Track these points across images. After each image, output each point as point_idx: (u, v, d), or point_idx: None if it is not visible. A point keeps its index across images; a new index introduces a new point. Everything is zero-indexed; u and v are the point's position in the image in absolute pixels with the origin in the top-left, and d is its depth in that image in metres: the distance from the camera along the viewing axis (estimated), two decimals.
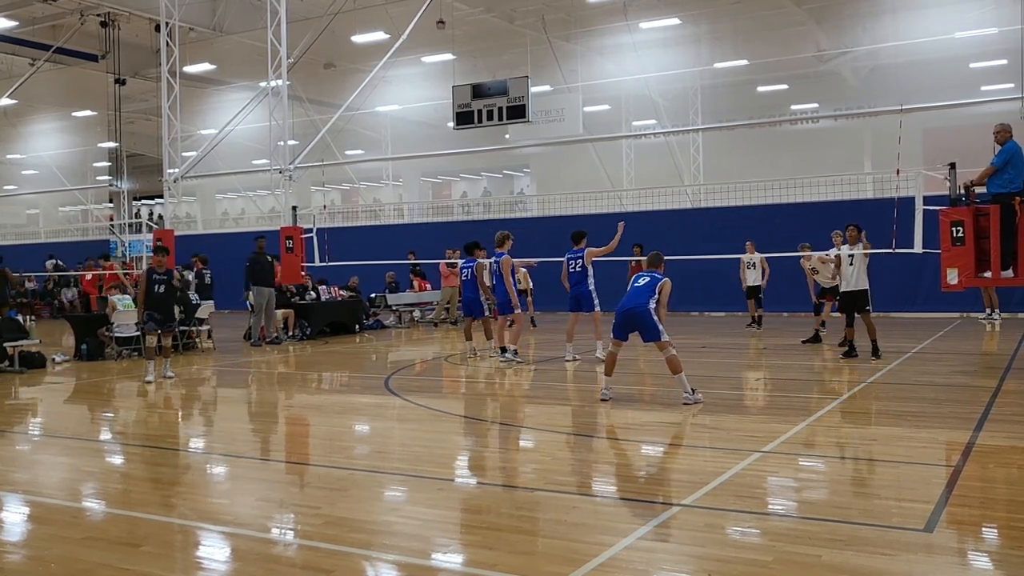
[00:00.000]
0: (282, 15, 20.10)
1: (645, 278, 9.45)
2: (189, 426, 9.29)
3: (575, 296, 12.73)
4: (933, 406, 8.92)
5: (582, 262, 12.56)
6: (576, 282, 12.68)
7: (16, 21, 25.07)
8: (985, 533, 4.95)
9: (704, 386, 9.61)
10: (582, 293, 12.60)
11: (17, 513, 5.81)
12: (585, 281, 12.54)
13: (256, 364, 14.33)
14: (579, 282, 12.62)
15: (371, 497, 5.98)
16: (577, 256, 12.65)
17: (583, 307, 12.67)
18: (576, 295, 12.70)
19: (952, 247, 11.11)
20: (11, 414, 10.11)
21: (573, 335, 13.22)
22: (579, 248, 12.68)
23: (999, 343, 15.00)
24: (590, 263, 12.60)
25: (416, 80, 30.37)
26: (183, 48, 23.04)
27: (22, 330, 13.99)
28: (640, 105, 30.17)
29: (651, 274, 9.52)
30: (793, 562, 4.40)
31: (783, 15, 25.44)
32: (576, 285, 12.68)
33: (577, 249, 12.69)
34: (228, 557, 4.83)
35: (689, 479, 6.25)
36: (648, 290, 9.26)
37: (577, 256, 12.65)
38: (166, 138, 22.23)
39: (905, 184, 14.45)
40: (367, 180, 37.69)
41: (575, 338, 13.23)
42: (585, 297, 12.58)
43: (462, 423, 8.78)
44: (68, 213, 43.26)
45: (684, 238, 21.84)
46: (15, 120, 36.19)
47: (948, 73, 24.69)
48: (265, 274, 17.12)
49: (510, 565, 4.45)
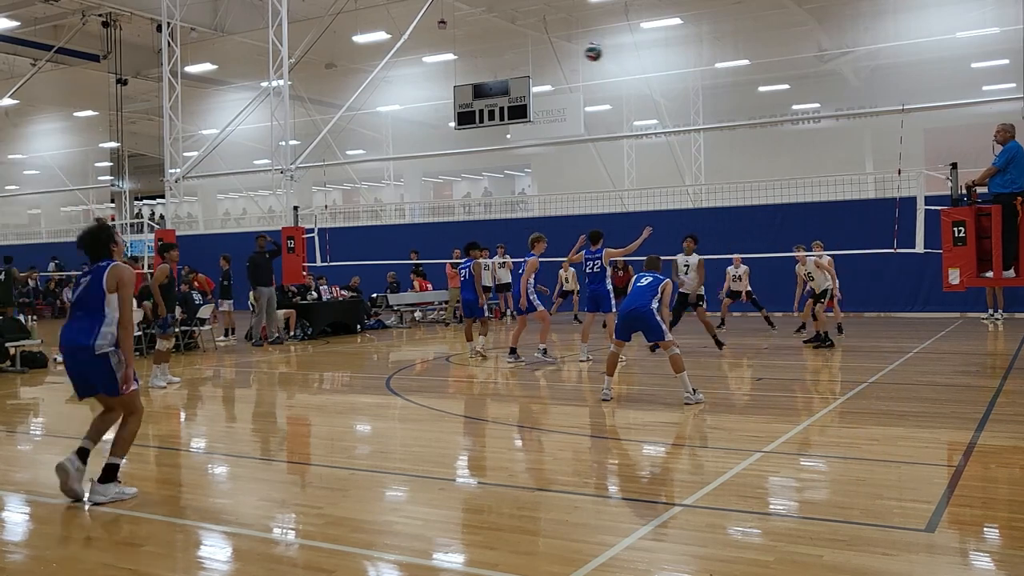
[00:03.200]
0: (283, 15, 20.12)
1: (647, 278, 9.48)
2: (190, 426, 9.30)
3: (593, 296, 12.77)
4: (934, 406, 8.91)
5: (600, 262, 12.60)
6: (595, 282, 12.72)
7: (18, 21, 25.10)
8: (986, 533, 4.95)
9: (704, 386, 9.62)
10: (600, 293, 12.67)
11: (19, 513, 5.82)
12: (604, 281, 12.62)
13: (257, 364, 14.34)
14: (598, 282, 12.69)
15: (372, 497, 5.98)
16: (596, 256, 12.69)
17: (601, 307, 12.70)
18: (594, 295, 12.74)
19: (954, 247, 11.12)
20: (13, 414, 10.12)
21: (588, 335, 13.30)
22: (598, 248, 12.72)
23: (1000, 343, 14.99)
24: (608, 263, 12.66)
25: (417, 80, 30.38)
26: (184, 48, 23.08)
27: (23, 330, 14.01)
28: (641, 105, 30.18)
29: (652, 274, 9.57)
30: (794, 562, 4.40)
31: (784, 15, 25.43)
32: (595, 285, 12.69)
33: (596, 249, 12.73)
34: (230, 557, 4.83)
35: (690, 479, 6.26)
36: (651, 290, 9.29)
37: (596, 256, 12.69)
38: (167, 138, 22.25)
39: (906, 184, 14.46)
40: (368, 180, 37.70)
41: (590, 338, 13.29)
42: (603, 297, 12.64)
43: (463, 423, 8.78)
44: (70, 213, 43.27)
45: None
46: (17, 120, 36.24)
47: (949, 73, 24.67)
48: (264, 274, 17.12)
49: (511, 565, 4.46)
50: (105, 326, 5.74)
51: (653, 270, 9.79)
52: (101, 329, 5.73)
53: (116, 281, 5.78)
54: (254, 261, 17.22)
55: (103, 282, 5.78)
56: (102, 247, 5.95)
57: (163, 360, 11.60)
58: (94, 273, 5.86)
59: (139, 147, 36.89)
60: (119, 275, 5.80)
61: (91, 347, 5.69)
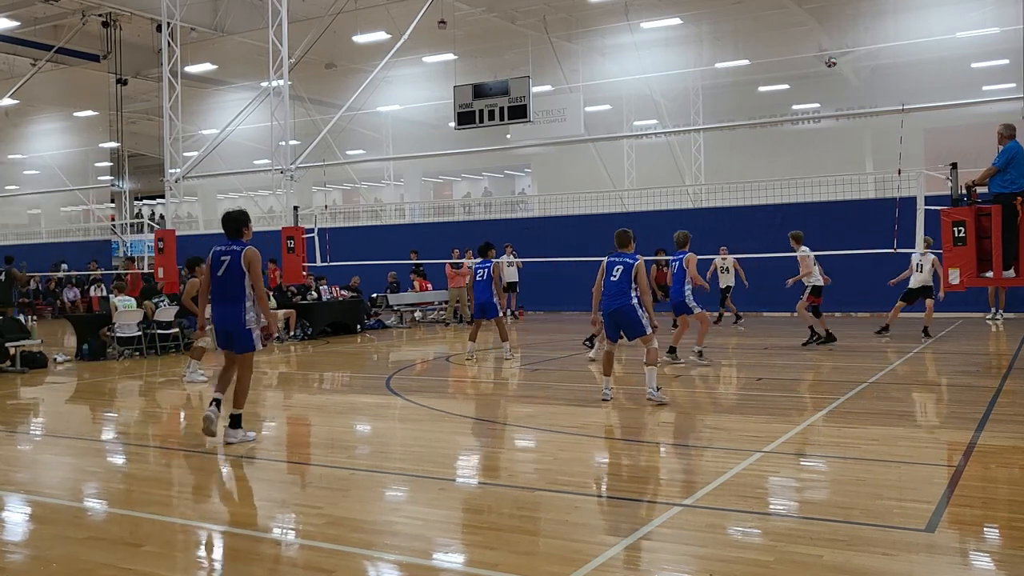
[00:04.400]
0: (283, 15, 20.11)
1: (618, 267, 8.95)
2: (190, 425, 9.30)
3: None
4: (935, 406, 8.92)
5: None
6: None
7: (18, 21, 25.09)
8: (986, 533, 4.95)
9: (705, 385, 9.61)
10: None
11: (19, 513, 5.82)
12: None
13: (257, 364, 14.31)
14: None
15: (372, 497, 5.98)
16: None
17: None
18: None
19: (954, 247, 11.12)
20: (13, 414, 10.12)
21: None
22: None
23: (1001, 343, 14.99)
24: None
25: (417, 80, 30.37)
26: (184, 48, 23.06)
27: (24, 330, 14.01)
28: (641, 105, 30.18)
29: (622, 260, 8.99)
30: (794, 562, 4.40)
31: (784, 15, 25.43)
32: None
33: (679, 252, 12.72)
34: (230, 557, 4.83)
35: (690, 479, 6.26)
36: (626, 282, 8.88)
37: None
38: (167, 138, 22.24)
39: (906, 184, 14.46)
40: (368, 180, 37.69)
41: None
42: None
43: (463, 423, 8.78)
44: (70, 213, 43.25)
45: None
46: (17, 120, 36.23)
47: (949, 73, 24.66)
48: None
49: (511, 565, 4.46)
50: (247, 301, 7.48)
51: (624, 250, 9.14)
52: (245, 305, 7.47)
53: (249, 261, 7.45)
54: None
55: (241, 262, 7.45)
56: (240, 228, 7.68)
57: (197, 356, 11.83)
58: (232, 256, 7.50)
59: (139, 147, 36.88)
60: (250, 257, 7.47)
61: (242, 321, 7.47)
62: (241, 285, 7.45)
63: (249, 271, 7.44)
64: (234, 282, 7.47)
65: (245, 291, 7.45)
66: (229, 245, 7.60)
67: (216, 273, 7.56)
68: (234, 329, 7.50)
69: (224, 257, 7.53)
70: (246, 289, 7.46)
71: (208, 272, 7.70)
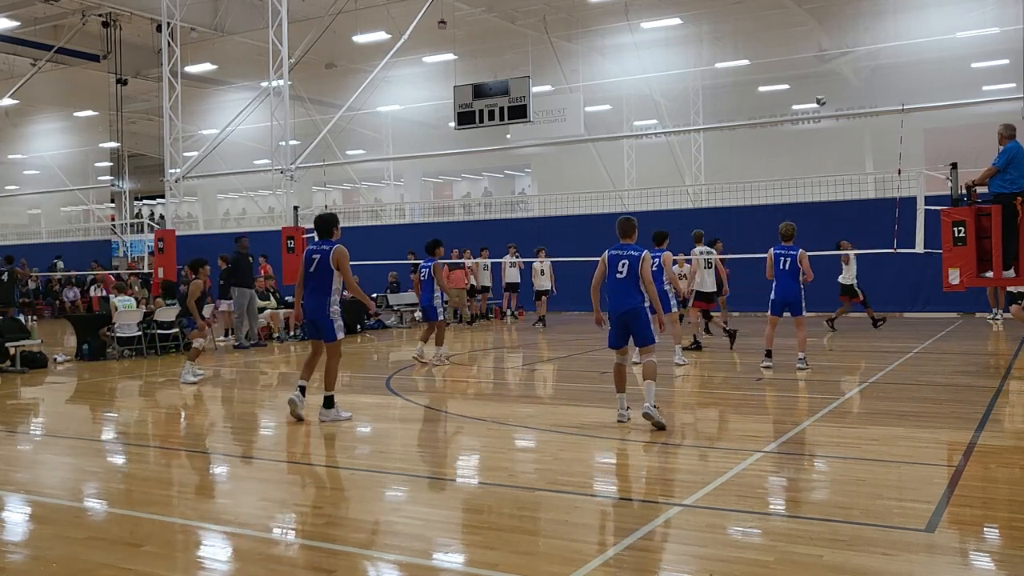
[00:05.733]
0: (283, 15, 20.12)
1: (622, 262, 7.92)
2: (190, 426, 9.30)
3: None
4: (935, 406, 8.91)
5: (659, 261, 12.50)
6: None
7: (17, 21, 25.10)
8: (986, 533, 4.95)
9: (705, 385, 9.61)
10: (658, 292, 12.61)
11: (19, 513, 5.82)
12: (657, 281, 12.53)
13: (257, 364, 14.34)
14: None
15: (372, 497, 5.98)
16: (655, 257, 12.61)
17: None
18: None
19: (954, 247, 11.12)
20: (13, 414, 10.11)
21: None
22: (659, 249, 12.60)
23: (1001, 343, 14.98)
24: (668, 266, 12.61)
25: (417, 80, 30.37)
26: (184, 48, 23.07)
27: (24, 330, 14.00)
28: (641, 105, 30.18)
29: (626, 253, 7.97)
30: (794, 562, 4.40)
31: (784, 15, 25.43)
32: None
33: (657, 250, 12.61)
34: (230, 557, 4.83)
35: (690, 479, 6.25)
36: (633, 280, 7.90)
37: (655, 257, 12.61)
38: (167, 138, 22.25)
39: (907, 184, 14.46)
40: (368, 180, 37.69)
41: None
42: (660, 296, 12.54)
43: (463, 423, 8.77)
44: (70, 213, 43.27)
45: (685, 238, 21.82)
46: (17, 120, 36.23)
47: (949, 73, 24.66)
48: (245, 275, 17.07)
49: (511, 565, 4.45)
50: (332, 295, 8.35)
51: (628, 240, 8.08)
52: (330, 298, 8.35)
53: (337, 260, 8.29)
54: (236, 263, 17.16)
55: (330, 260, 8.29)
56: (330, 228, 8.54)
57: (192, 357, 11.88)
58: (322, 254, 8.34)
59: (139, 147, 36.88)
60: (338, 256, 8.31)
61: (326, 313, 8.32)
62: (328, 281, 8.32)
63: (339, 268, 8.29)
64: (322, 277, 8.33)
65: (332, 286, 8.33)
66: (320, 244, 8.46)
67: (308, 269, 8.41)
68: (320, 319, 8.38)
69: (315, 255, 8.39)
70: (333, 284, 8.34)
71: (302, 268, 8.50)
